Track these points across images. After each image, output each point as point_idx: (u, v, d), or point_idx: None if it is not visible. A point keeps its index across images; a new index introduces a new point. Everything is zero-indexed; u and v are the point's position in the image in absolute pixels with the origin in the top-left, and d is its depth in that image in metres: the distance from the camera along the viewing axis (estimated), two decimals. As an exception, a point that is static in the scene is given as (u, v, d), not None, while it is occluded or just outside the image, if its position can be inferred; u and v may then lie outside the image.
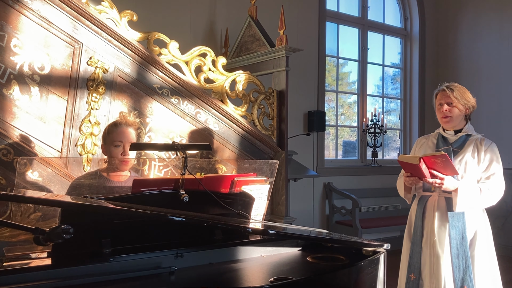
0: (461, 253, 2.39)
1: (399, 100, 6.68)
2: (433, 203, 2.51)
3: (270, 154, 3.38)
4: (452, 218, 2.42)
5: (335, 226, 5.38)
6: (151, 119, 2.89)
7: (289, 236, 1.92)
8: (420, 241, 2.51)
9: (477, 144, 2.52)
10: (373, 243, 1.76)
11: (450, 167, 2.32)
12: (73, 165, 2.57)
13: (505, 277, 4.74)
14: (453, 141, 2.57)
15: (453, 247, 2.40)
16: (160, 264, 1.50)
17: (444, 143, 2.57)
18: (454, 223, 2.41)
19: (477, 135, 2.57)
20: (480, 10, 6.14)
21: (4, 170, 2.44)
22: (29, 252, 1.59)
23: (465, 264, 2.38)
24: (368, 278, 1.66)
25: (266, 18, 4.22)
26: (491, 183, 2.44)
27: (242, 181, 1.91)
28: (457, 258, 2.39)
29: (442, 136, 2.62)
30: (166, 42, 3.00)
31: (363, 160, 6.10)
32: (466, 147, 2.51)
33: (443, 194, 2.48)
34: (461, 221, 2.42)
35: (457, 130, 2.59)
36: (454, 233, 2.41)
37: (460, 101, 2.52)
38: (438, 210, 2.48)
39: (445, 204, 2.46)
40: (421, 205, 2.55)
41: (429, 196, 2.54)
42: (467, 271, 2.37)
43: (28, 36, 2.53)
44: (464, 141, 2.54)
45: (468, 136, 2.56)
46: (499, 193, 2.45)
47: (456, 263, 2.39)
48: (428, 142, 2.67)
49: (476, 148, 2.50)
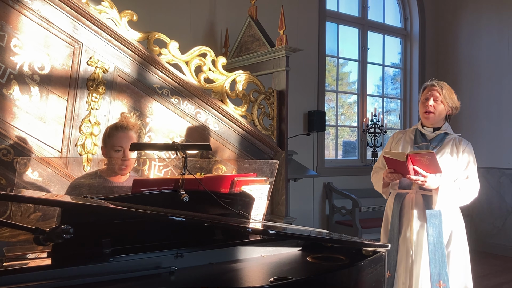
0: (438, 249, 2.43)
1: (399, 100, 6.68)
2: (411, 201, 2.54)
3: (270, 154, 3.38)
4: (430, 216, 2.45)
5: (335, 226, 5.38)
6: (151, 119, 2.89)
7: (289, 236, 1.92)
8: (397, 239, 2.54)
9: (455, 143, 2.54)
10: (373, 243, 1.76)
11: (435, 165, 2.33)
12: (73, 165, 2.57)
13: (505, 277, 4.76)
14: (431, 138, 2.58)
15: (430, 243, 2.44)
16: (160, 264, 1.50)
17: (423, 139, 2.59)
18: (432, 220, 2.45)
19: (454, 135, 2.60)
20: (480, 10, 6.14)
21: (4, 170, 2.44)
22: (29, 252, 1.59)
23: (441, 260, 2.43)
24: (368, 278, 1.66)
25: (266, 18, 4.22)
26: (469, 183, 2.49)
27: (242, 181, 1.91)
28: (434, 254, 2.43)
29: (420, 132, 2.62)
30: (166, 42, 3.00)
31: (363, 160, 6.10)
32: (444, 146, 2.53)
33: (420, 191, 2.51)
34: (438, 218, 2.46)
35: (435, 128, 2.59)
36: (431, 230, 2.44)
37: (447, 100, 2.54)
38: (416, 208, 2.51)
39: (422, 201, 2.50)
40: (398, 202, 2.57)
41: (406, 194, 2.56)
42: (443, 266, 2.42)
43: (28, 36, 2.53)
44: (442, 139, 2.56)
45: (446, 134, 2.58)
46: (475, 192, 2.50)
47: (433, 259, 2.43)
48: (406, 137, 2.67)
49: (455, 147, 2.53)
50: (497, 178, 5.82)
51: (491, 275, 4.82)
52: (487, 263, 5.33)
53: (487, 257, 5.58)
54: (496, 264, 5.31)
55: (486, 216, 5.96)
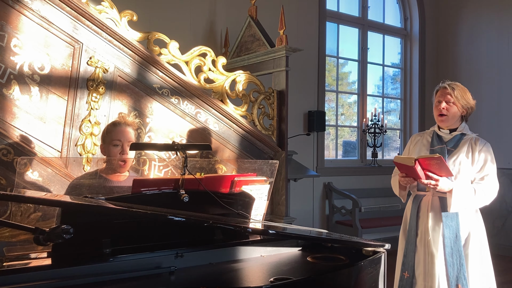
0: (455, 251, 2.40)
1: (399, 100, 6.68)
2: (427, 203, 2.51)
3: (270, 154, 3.38)
4: (446, 218, 2.43)
5: (335, 226, 5.38)
6: (151, 119, 2.89)
7: (289, 236, 1.92)
8: (414, 240, 2.52)
9: (471, 144, 2.51)
10: (373, 243, 1.76)
11: (445, 168, 2.32)
12: (73, 165, 2.57)
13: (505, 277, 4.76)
14: (447, 140, 2.55)
15: (447, 246, 2.41)
16: (160, 264, 1.50)
17: (439, 142, 2.56)
18: (448, 223, 2.42)
19: (471, 135, 2.56)
20: (480, 10, 6.14)
21: (4, 170, 2.44)
22: (29, 252, 1.59)
23: (459, 263, 2.39)
24: (368, 278, 1.66)
25: (266, 18, 4.22)
26: (485, 184, 2.45)
27: (242, 181, 1.91)
28: (451, 256, 2.40)
29: (437, 134, 2.60)
30: (166, 42, 3.00)
31: (363, 160, 6.10)
32: (460, 147, 2.50)
33: (437, 193, 2.48)
34: (455, 221, 2.42)
35: (452, 129, 2.57)
36: (448, 232, 2.41)
37: (460, 101, 2.51)
38: (432, 210, 2.49)
39: (439, 203, 2.47)
40: (416, 204, 2.55)
41: (423, 196, 2.55)
42: (461, 269, 2.38)
43: (28, 36, 2.53)
44: (458, 140, 2.53)
45: (463, 135, 2.55)
46: (493, 193, 2.46)
47: (450, 262, 2.40)
48: (423, 140, 2.66)
49: (471, 148, 2.50)
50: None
51: (491, 275, 4.81)
52: (487, 263, 5.32)
53: (487, 257, 5.58)
54: (497, 264, 5.29)
55: (486, 216, 5.94)
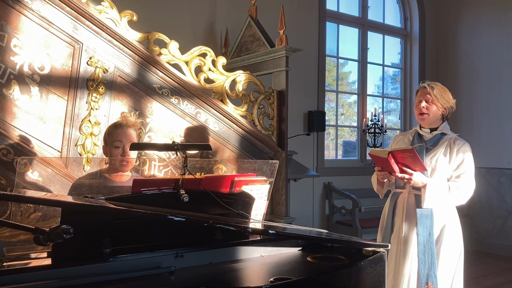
0: (427, 249, 2.44)
1: (399, 100, 6.68)
2: (403, 200, 2.57)
3: (270, 154, 3.38)
4: (420, 215, 2.46)
5: (335, 226, 5.38)
6: (151, 119, 2.89)
7: (289, 236, 1.92)
8: (389, 237, 2.57)
9: (450, 143, 2.56)
10: (373, 243, 1.76)
11: (418, 162, 2.35)
12: (73, 165, 2.57)
13: (505, 277, 4.76)
14: (428, 138, 2.61)
15: (420, 243, 2.45)
16: (160, 264, 1.50)
17: (419, 140, 2.62)
18: (422, 220, 2.46)
19: (452, 135, 2.61)
20: (480, 10, 6.14)
21: (4, 170, 2.44)
22: (29, 252, 1.59)
23: (431, 261, 2.43)
24: (368, 278, 1.66)
25: (266, 18, 4.22)
26: (460, 182, 2.48)
27: (242, 181, 1.91)
28: (423, 254, 2.44)
29: (418, 133, 2.66)
30: (166, 42, 3.00)
31: (363, 160, 6.10)
32: (439, 145, 2.55)
33: (413, 191, 2.53)
34: (429, 219, 2.46)
35: (432, 129, 2.62)
36: (421, 229, 2.45)
37: (439, 100, 2.56)
38: (407, 207, 2.54)
39: (414, 201, 2.51)
40: (392, 201, 2.61)
41: (400, 193, 2.60)
42: (432, 267, 2.42)
43: (28, 36, 2.53)
44: (438, 139, 2.58)
45: (443, 134, 2.60)
46: (468, 192, 2.48)
47: (422, 259, 2.43)
48: (404, 139, 2.71)
49: (449, 147, 2.54)
50: (497, 178, 5.82)
51: (491, 275, 4.82)
52: (487, 263, 5.33)
53: (487, 257, 5.59)
54: (496, 264, 5.31)
55: (486, 216, 5.95)
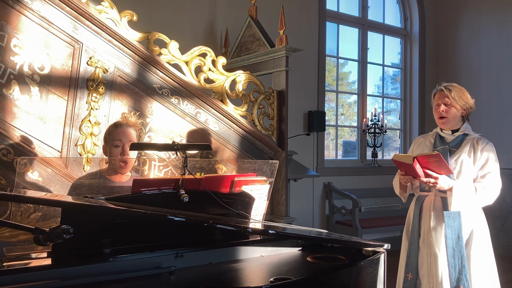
0: (457, 252, 2.39)
1: (399, 100, 6.68)
2: (430, 203, 2.51)
3: (270, 154, 3.38)
4: (447, 218, 2.42)
5: (335, 226, 5.38)
6: (151, 119, 2.89)
7: (289, 236, 1.92)
8: (417, 241, 2.51)
9: (473, 143, 2.52)
10: (373, 243, 1.76)
11: (444, 166, 2.32)
12: (73, 165, 2.57)
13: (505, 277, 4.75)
14: (450, 140, 2.57)
15: (449, 246, 2.40)
16: (160, 264, 1.50)
17: (441, 143, 2.57)
18: (450, 223, 2.41)
19: (474, 135, 2.57)
20: (480, 10, 6.14)
21: (4, 170, 2.44)
22: (29, 252, 1.59)
23: (461, 264, 2.38)
24: (368, 278, 1.66)
25: (266, 18, 4.22)
26: (486, 182, 2.44)
27: (242, 181, 1.91)
28: (453, 257, 2.39)
29: (439, 135, 2.62)
30: (166, 42, 3.00)
31: (363, 160, 6.10)
32: (462, 147, 2.51)
33: (439, 194, 2.48)
34: (457, 221, 2.42)
35: (454, 130, 2.58)
36: (450, 232, 2.41)
37: (458, 102, 2.52)
38: (434, 210, 2.48)
39: (441, 204, 2.46)
40: (418, 204, 2.55)
41: (425, 196, 2.55)
42: (462, 271, 2.37)
43: (28, 36, 2.53)
44: (461, 141, 2.54)
45: (465, 135, 2.56)
46: (495, 192, 2.44)
47: (452, 263, 2.39)
48: (426, 142, 2.67)
49: (473, 148, 2.50)
50: (497, 178, 5.81)
51: (491, 275, 4.80)
52: (487, 263, 5.31)
53: (487, 257, 5.57)
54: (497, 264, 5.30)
55: (486, 216, 5.94)
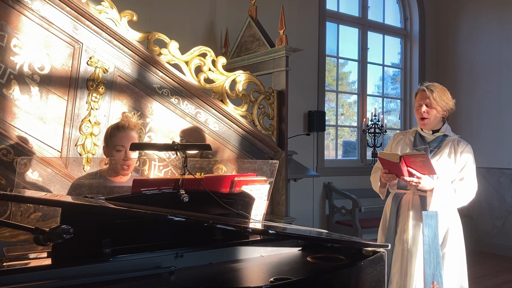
0: (432, 250, 2.44)
1: (399, 100, 6.68)
2: (408, 201, 2.56)
3: (270, 154, 3.38)
4: (426, 217, 2.47)
5: (335, 226, 5.38)
6: (151, 119, 2.89)
7: (289, 236, 1.92)
8: (393, 238, 2.57)
9: (454, 145, 2.56)
10: (373, 243, 1.77)
11: (428, 167, 2.35)
12: (73, 165, 2.57)
13: (505, 277, 4.76)
14: (430, 140, 2.60)
15: (426, 244, 2.45)
16: (160, 264, 1.50)
17: (422, 142, 2.61)
18: (428, 221, 2.46)
19: (454, 136, 2.61)
20: (480, 10, 6.14)
21: (4, 170, 2.44)
22: (29, 252, 1.59)
23: (436, 261, 2.44)
24: (368, 278, 1.66)
25: (266, 18, 4.22)
26: (465, 184, 2.49)
27: (242, 181, 1.91)
28: (429, 254, 2.44)
29: (419, 134, 2.64)
30: (166, 42, 3.00)
31: (363, 160, 6.10)
32: (443, 148, 2.55)
33: (417, 192, 2.53)
34: (434, 220, 2.47)
35: (434, 130, 2.62)
36: (427, 230, 2.46)
37: (439, 103, 2.54)
38: (412, 208, 2.53)
39: (419, 202, 2.51)
40: (396, 202, 2.59)
41: (403, 194, 2.59)
42: (437, 267, 2.43)
43: (28, 36, 2.53)
44: (441, 141, 2.57)
45: (445, 136, 2.59)
46: (471, 194, 2.50)
47: (428, 260, 2.44)
48: (406, 139, 2.70)
49: (453, 149, 2.54)
50: (497, 178, 5.82)
51: (491, 275, 4.82)
52: (487, 263, 5.33)
53: (487, 257, 5.59)
54: (496, 264, 5.31)
55: (486, 216, 5.95)
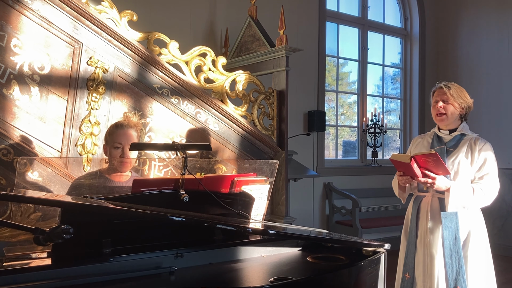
0: (454, 253, 2.38)
1: (399, 100, 6.68)
2: (427, 204, 2.51)
3: (270, 154, 3.38)
4: (445, 219, 2.41)
5: (335, 226, 5.38)
6: (151, 119, 2.89)
7: (289, 236, 1.92)
8: (414, 241, 2.51)
9: (471, 143, 2.50)
10: (373, 243, 1.76)
11: (441, 166, 2.30)
12: (73, 165, 2.57)
13: (505, 277, 4.75)
14: (447, 140, 2.55)
15: (446, 247, 2.39)
16: (160, 264, 1.50)
17: (439, 143, 2.56)
18: (447, 224, 2.41)
19: (472, 135, 2.55)
20: (480, 10, 6.14)
21: (4, 170, 2.44)
22: (29, 252, 1.59)
23: (458, 265, 2.37)
24: (368, 278, 1.66)
25: (266, 18, 4.22)
26: (484, 183, 2.43)
27: (242, 181, 1.91)
28: (450, 258, 2.38)
29: (437, 135, 2.60)
30: (166, 42, 3.00)
31: (363, 160, 6.10)
32: (460, 147, 2.49)
33: (436, 194, 2.47)
34: (454, 222, 2.41)
35: (451, 130, 2.57)
36: (447, 233, 2.40)
37: (456, 100, 2.51)
38: (431, 211, 2.48)
39: (438, 204, 2.46)
40: (416, 205, 2.55)
41: (423, 197, 2.54)
42: (460, 271, 2.36)
43: (28, 36, 2.53)
44: (458, 141, 2.52)
45: (463, 135, 2.54)
46: (493, 193, 2.44)
47: (449, 264, 2.38)
48: (424, 142, 2.66)
49: (470, 148, 2.49)
50: (497, 178, 5.81)
51: (491, 275, 4.80)
52: (487, 263, 5.31)
53: (487, 257, 5.57)
54: (496, 264, 5.29)
55: (486, 216, 5.93)
